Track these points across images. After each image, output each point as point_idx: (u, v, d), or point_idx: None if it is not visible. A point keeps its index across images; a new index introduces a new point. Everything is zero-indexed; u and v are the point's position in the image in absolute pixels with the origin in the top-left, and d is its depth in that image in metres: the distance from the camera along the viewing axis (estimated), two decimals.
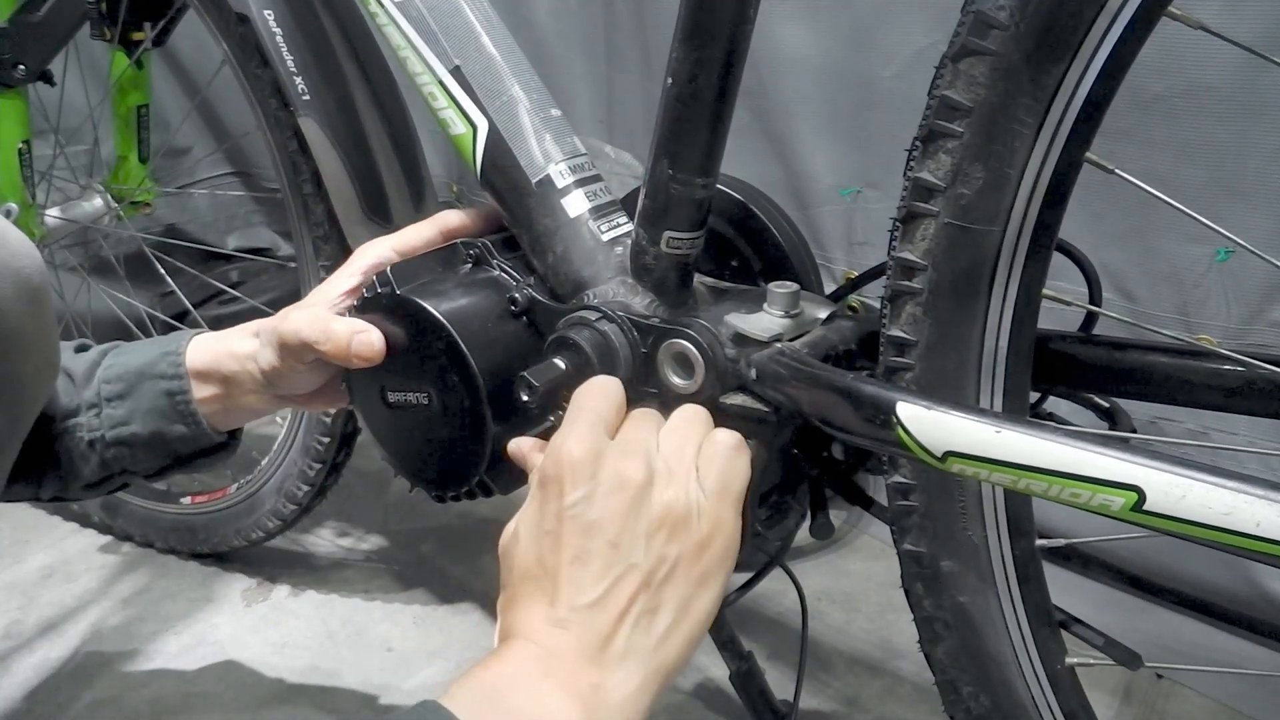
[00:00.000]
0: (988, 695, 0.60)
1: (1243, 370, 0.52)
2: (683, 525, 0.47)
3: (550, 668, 0.44)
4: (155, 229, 1.48)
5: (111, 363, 0.71)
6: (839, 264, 1.10)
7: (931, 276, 0.51)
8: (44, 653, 1.02)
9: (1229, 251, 0.83)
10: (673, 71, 0.54)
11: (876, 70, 0.99)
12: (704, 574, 0.47)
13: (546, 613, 0.45)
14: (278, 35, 0.84)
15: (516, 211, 0.65)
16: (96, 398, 0.70)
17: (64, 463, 0.71)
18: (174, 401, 0.70)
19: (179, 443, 0.71)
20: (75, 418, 0.70)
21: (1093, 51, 0.45)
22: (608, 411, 0.51)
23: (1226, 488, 0.40)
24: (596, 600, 0.45)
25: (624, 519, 0.46)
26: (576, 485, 0.47)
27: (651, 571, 0.46)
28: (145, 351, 0.71)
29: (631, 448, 0.49)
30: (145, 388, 0.70)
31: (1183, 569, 0.96)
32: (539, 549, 0.47)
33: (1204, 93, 0.80)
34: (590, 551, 0.46)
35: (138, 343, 0.74)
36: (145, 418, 0.70)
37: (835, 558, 1.17)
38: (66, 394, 0.70)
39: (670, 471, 0.48)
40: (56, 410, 0.70)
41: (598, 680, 0.44)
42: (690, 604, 0.47)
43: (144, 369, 0.70)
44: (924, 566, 0.58)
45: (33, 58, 1.02)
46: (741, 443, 0.51)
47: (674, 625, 0.46)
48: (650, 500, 0.47)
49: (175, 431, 0.71)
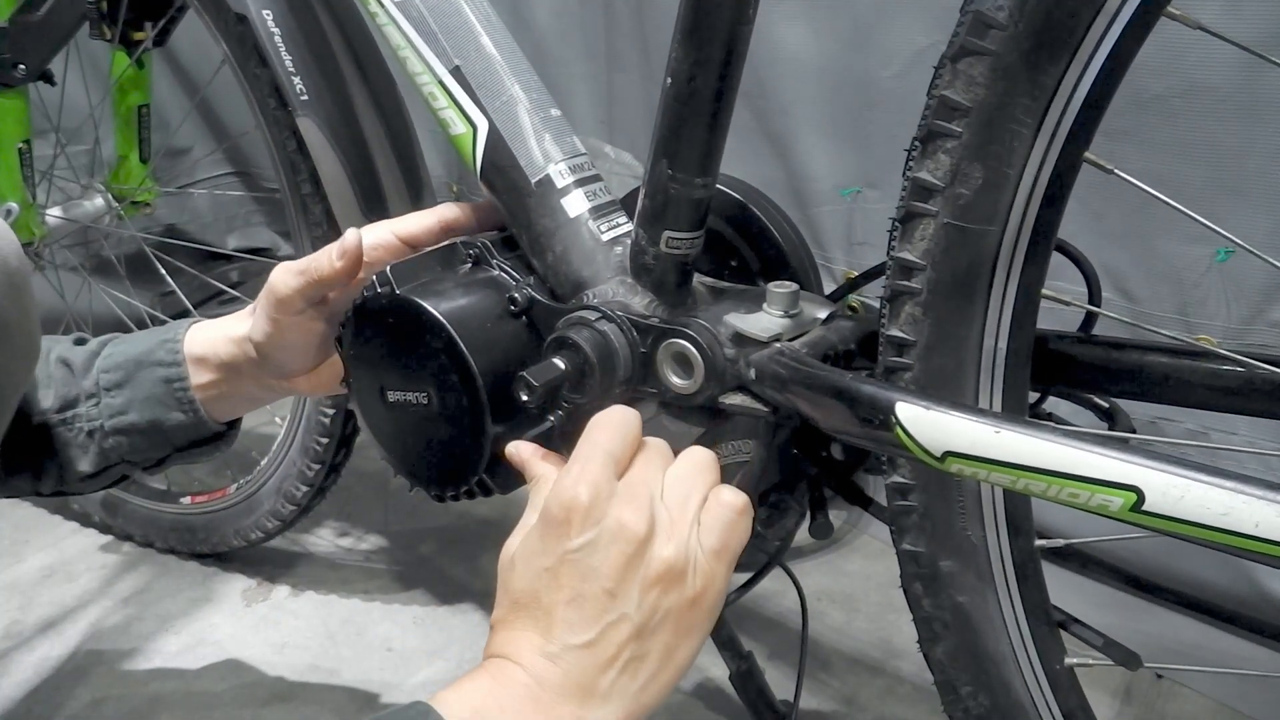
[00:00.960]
0: (987, 695, 0.60)
1: (1242, 370, 0.52)
2: (678, 581, 0.48)
3: (538, 697, 0.46)
4: (155, 229, 1.48)
5: (110, 352, 0.72)
6: (839, 264, 1.10)
7: (931, 276, 0.51)
8: (44, 652, 1.02)
9: (1229, 251, 0.83)
10: (672, 71, 0.54)
11: (876, 70, 0.99)
12: (691, 626, 0.49)
13: (539, 644, 0.47)
14: (276, 35, 0.84)
15: (516, 211, 0.65)
16: (95, 387, 0.71)
17: (62, 454, 0.71)
18: (172, 389, 0.70)
19: (177, 432, 0.72)
20: (74, 408, 0.71)
21: (1091, 51, 0.45)
22: (621, 448, 0.51)
23: (1225, 488, 0.40)
24: (588, 643, 0.47)
25: (622, 570, 0.47)
26: (582, 530, 0.48)
27: (644, 623, 0.47)
28: (143, 340, 0.72)
29: (637, 494, 0.49)
30: (143, 376, 0.70)
31: (1182, 569, 0.96)
32: (537, 583, 0.48)
33: (1204, 93, 0.80)
34: (586, 596, 0.47)
35: (137, 333, 0.74)
36: (143, 406, 0.70)
37: (835, 558, 1.17)
38: (65, 384, 0.71)
39: (672, 523, 0.49)
40: (56, 401, 0.70)
41: (580, 716, 0.46)
42: (674, 653, 0.49)
43: (142, 357, 0.71)
44: (923, 566, 0.58)
45: (33, 57, 1.02)
46: (747, 506, 0.52)
47: (658, 672, 0.48)
48: (650, 554, 0.48)
49: (173, 420, 0.71)
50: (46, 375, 0.71)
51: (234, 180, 1.69)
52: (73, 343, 0.74)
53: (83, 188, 1.20)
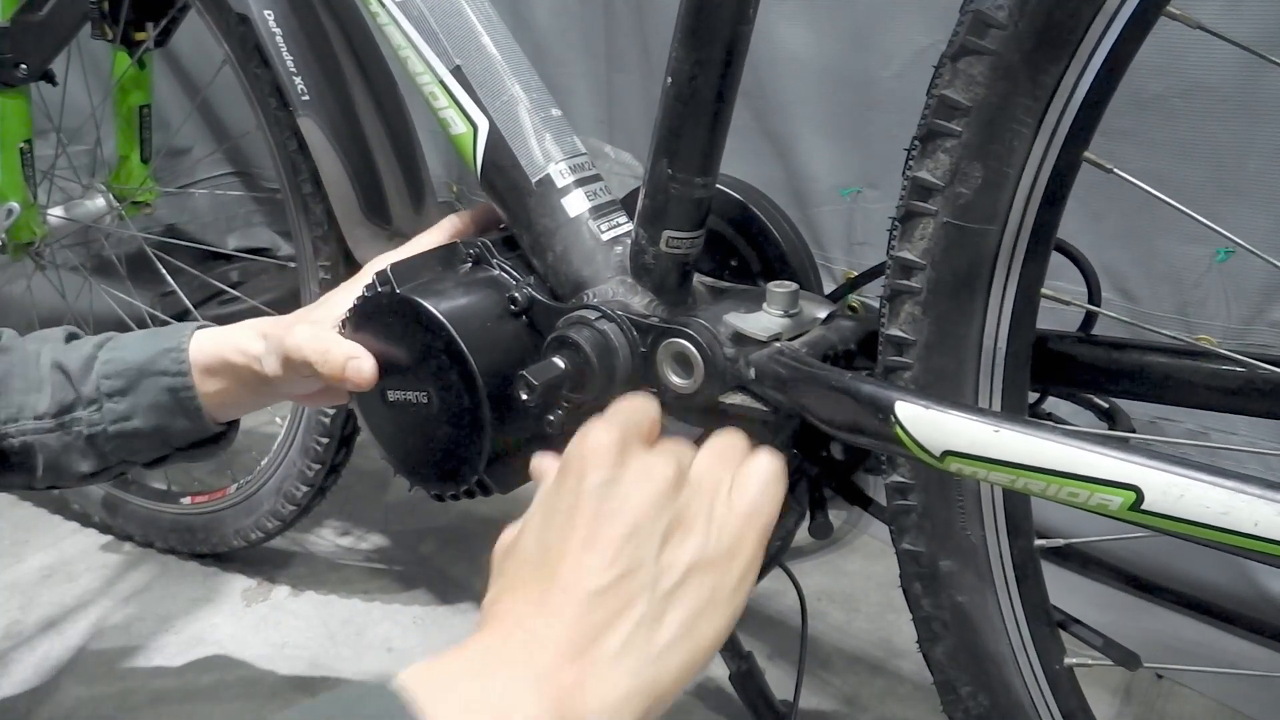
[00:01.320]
0: (986, 695, 0.60)
1: (1242, 370, 0.52)
2: (704, 535, 0.44)
3: (532, 655, 0.39)
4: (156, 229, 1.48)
5: (109, 357, 0.71)
6: (839, 264, 1.10)
7: (930, 276, 0.51)
8: (44, 652, 1.02)
9: (1229, 251, 0.83)
10: (672, 71, 0.54)
11: (876, 70, 0.99)
12: (715, 594, 0.43)
13: (541, 598, 0.41)
14: (277, 35, 0.84)
15: (516, 211, 0.65)
16: (96, 393, 0.70)
17: (60, 456, 0.71)
18: (178, 398, 0.70)
19: (180, 435, 0.72)
20: (72, 412, 0.70)
21: (1091, 51, 0.45)
22: (642, 419, 0.48)
23: (1224, 487, 0.40)
24: (599, 590, 0.41)
25: (645, 512, 0.43)
26: (600, 469, 0.44)
27: (662, 574, 0.42)
28: (144, 346, 0.71)
29: (663, 450, 0.46)
30: (147, 384, 0.70)
31: (1182, 569, 0.96)
32: (546, 533, 0.43)
33: (1204, 93, 0.80)
34: (603, 538, 0.42)
35: (134, 335, 0.73)
36: (148, 413, 0.70)
37: (835, 557, 1.17)
38: (62, 390, 0.70)
39: (700, 480, 0.46)
40: (52, 406, 0.70)
41: (580, 679, 0.39)
42: (696, 623, 0.42)
43: (145, 366, 0.70)
44: (923, 566, 0.58)
45: (35, 57, 1.02)
46: (783, 472, 0.47)
47: (676, 641, 0.42)
48: (676, 500, 0.44)
49: (178, 425, 0.71)
50: (39, 379, 0.70)
51: (234, 180, 1.69)
52: (64, 339, 0.73)
53: (84, 187, 1.20)
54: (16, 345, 0.72)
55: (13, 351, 0.72)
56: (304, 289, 0.97)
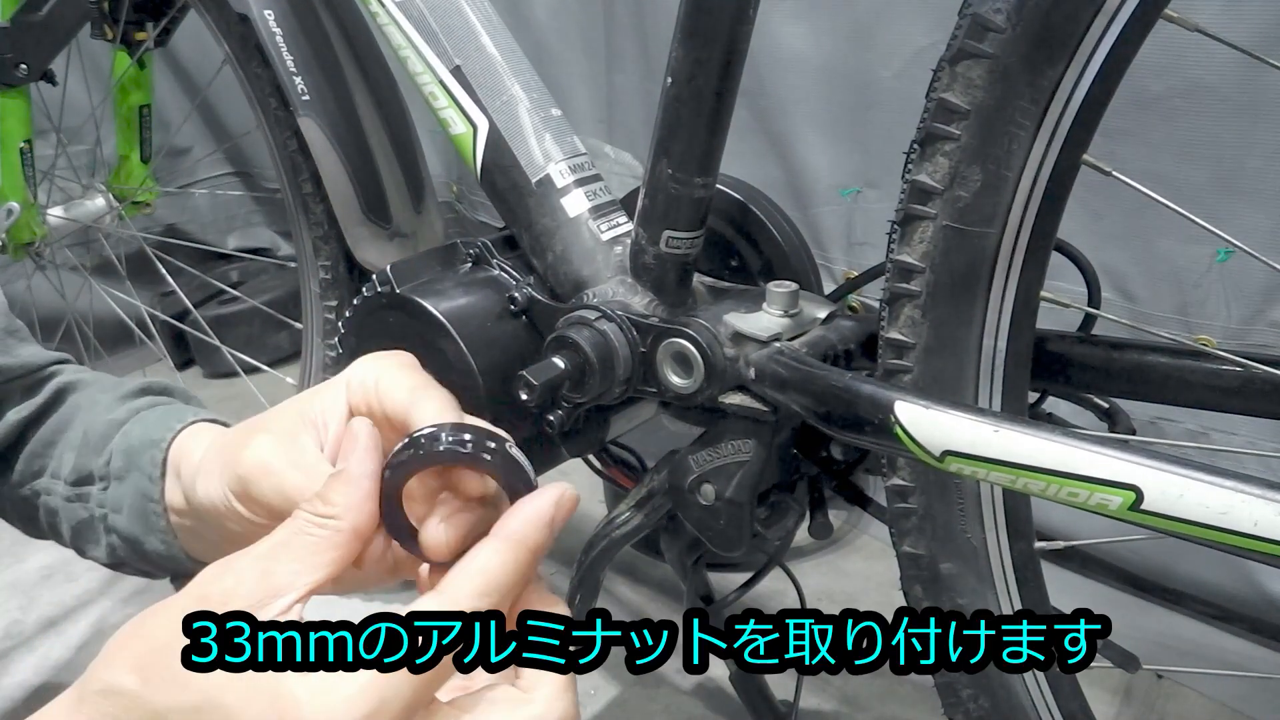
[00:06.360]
0: (987, 697, 0.60)
1: (1241, 371, 0.52)
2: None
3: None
4: (156, 229, 1.48)
5: (129, 430, 0.56)
6: (839, 264, 1.10)
7: (930, 279, 0.51)
8: (44, 652, 1.02)
9: (1229, 252, 0.83)
10: (672, 71, 0.54)
11: (876, 70, 0.99)
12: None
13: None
14: (278, 35, 0.84)
15: (516, 211, 0.65)
16: (106, 470, 0.56)
17: (81, 532, 0.58)
18: (147, 508, 0.54)
19: (155, 559, 0.55)
20: (89, 485, 0.57)
21: (1090, 54, 0.45)
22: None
23: (1223, 487, 0.40)
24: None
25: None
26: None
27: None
28: (149, 426, 0.56)
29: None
30: (132, 478, 0.55)
31: (1182, 569, 0.96)
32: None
33: (1203, 93, 0.80)
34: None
35: (161, 405, 0.59)
36: (129, 515, 0.55)
37: (835, 558, 1.17)
38: (84, 455, 0.57)
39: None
40: (72, 473, 0.58)
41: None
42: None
43: (135, 451, 0.55)
44: (923, 569, 0.58)
45: (35, 57, 1.02)
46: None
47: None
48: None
49: (150, 545, 0.54)
50: (83, 441, 0.58)
51: (234, 180, 1.70)
52: (118, 396, 0.59)
53: (84, 187, 1.20)
54: (92, 383, 0.61)
55: (82, 389, 0.60)
56: (304, 289, 0.97)
